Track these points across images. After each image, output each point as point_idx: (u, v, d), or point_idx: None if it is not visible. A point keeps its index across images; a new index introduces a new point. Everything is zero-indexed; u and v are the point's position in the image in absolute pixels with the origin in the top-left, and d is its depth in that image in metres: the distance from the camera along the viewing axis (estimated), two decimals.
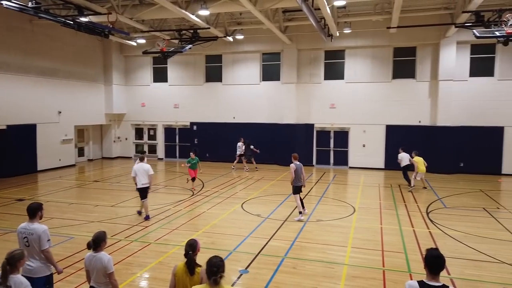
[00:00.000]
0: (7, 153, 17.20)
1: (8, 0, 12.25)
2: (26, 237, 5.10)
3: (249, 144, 19.76)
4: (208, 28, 17.38)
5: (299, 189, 11.12)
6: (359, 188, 15.85)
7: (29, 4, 12.86)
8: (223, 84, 22.86)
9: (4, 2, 12.19)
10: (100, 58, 23.41)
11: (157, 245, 8.88)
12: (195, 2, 14.94)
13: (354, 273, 7.37)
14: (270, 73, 22.15)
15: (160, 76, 24.10)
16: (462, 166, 19.12)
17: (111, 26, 14.96)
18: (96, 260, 4.69)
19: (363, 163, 20.72)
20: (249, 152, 19.78)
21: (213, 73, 23.14)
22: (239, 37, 20.10)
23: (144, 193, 10.87)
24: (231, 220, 10.98)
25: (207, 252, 6.24)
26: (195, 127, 23.41)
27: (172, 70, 23.73)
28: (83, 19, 14.38)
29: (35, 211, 5.21)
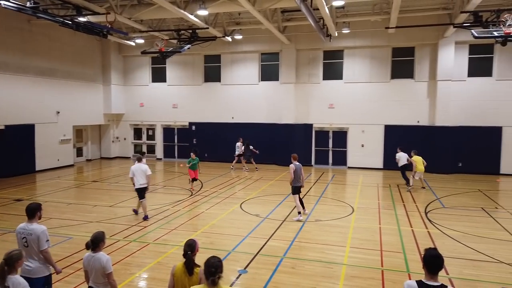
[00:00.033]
0: (6, 153, 17.15)
1: (6, 0, 12.23)
2: (25, 238, 5.09)
3: (248, 145, 19.75)
4: (207, 28, 17.38)
5: (298, 189, 11.13)
6: (358, 188, 15.87)
7: (27, 4, 12.84)
8: (222, 84, 22.86)
9: (2, 2, 12.16)
10: (99, 58, 23.39)
11: (156, 245, 8.87)
12: (194, 2, 14.94)
13: (353, 273, 7.38)
14: (269, 73, 22.15)
15: (159, 76, 24.09)
16: (461, 166, 19.15)
17: (110, 26, 14.95)
18: (95, 261, 4.69)
19: (362, 163, 20.74)
20: (249, 153, 19.77)
21: (212, 73, 23.13)
22: (238, 37, 20.09)
23: (142, 193, 10.87)
24: (230, 220, 10.98)
25: (206, 252, 6.24)
26: (194, 127, 23.40)
27: (171, 70, 23.72)
28: (82, 19, 14.38)
29: (34, 212, 5.20)
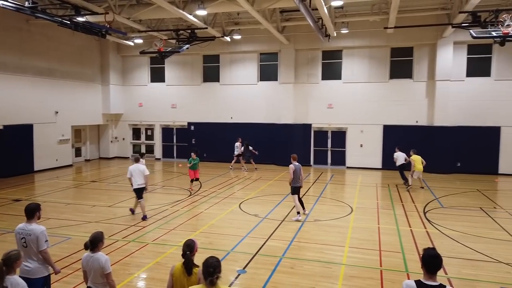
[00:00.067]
0: (4, 154, 17.12)
1: (5, 0, 12.20)
2: (24, 238, 5.08)
3: (248, 145, 19.74)
4: (206, 28, 17.38)
5: (298, 190, 11.14)
6: (357, 188, 15.88)
7: (26, 4, 12.82)
8: (221, 84, 22.85)
9: (1, 2, 12.13)
10: (97, 58, 23.36)
11: (155, 246, 8.87)
12: (193, 2, 14.93)
13: (352, 273, 7.39)
14: (268, 73, 22.15)
15: (158, 76, 24.06)
16: (459, 166, 19.18)
17: (108, 26, 14.93)
18: (94, 261, 4.68)
19: (361, 163, 20.75)
20: (248, 153, 19.76)
21: (211, 73, 23.12)
22: (237, 37, 20.08)
23: (140, 193, 10.89)
24: (229, 220, 10.98)
25: (205, 252, 6.24)
26: (193, 127, 23.39)
27: (170, 70, 23.70)
28: (80, 19, 14.35)
29: (33, 212, 5.19)
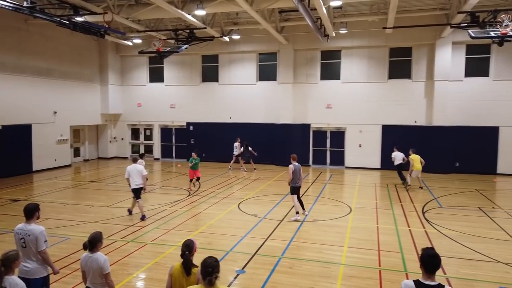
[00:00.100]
0: (2, 154, 17.08)
1: (3, 0, 12.18)
2: (23, 238, 5.07)
3: (248, 145, 19.74)
4: (205, 28, 17.37)
5: (297, 190, 11.14)
6: (356, 188, 15.89)
7: (24, 4, 12.80)
8: (220, 84, 22.84)
9: None
10: (96, 58, 23.33)
11: (154, 246, 8.86)
12: (191, 2, 14.92)
13: (351, 273, 7.39)
14: (267, 73, 22.16)
15: (156, 76, 24.05)
16: (458, 166, 19.21)
17: (107, 26, 14.92)
18: (92, 261, 4.68)
19: (360, 163, 20.77)
20: (248, 154, 19.76)
21: (210, 73, 23.11)
22: (236, 37, 20.09)
23: (138, 193, 10.91)
24: (228, 220, 10.97)
25: (204, 253, 6.23)
26: (192, 127, 23.38)
27: (169, 70, 23.69)
28: (79, 19, 14.34)
29: (32, 212, 5.19)
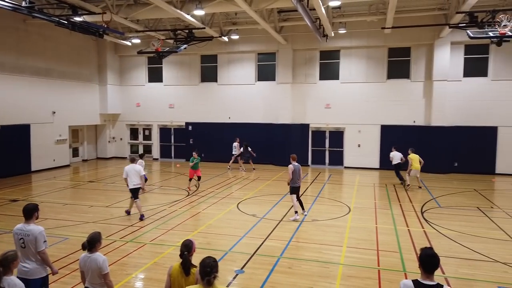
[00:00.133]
0: (1, 154, 17.04)
1: (2, 0, 12.15)
2: (22, 238, 5.06)
3: (247, 146, 19.74)
4: (203, 28, 17.37)
5: (296, 189, 11.14)
6: (354, 188, 15.90)
7: (23, 4, 12.77)
8: (219, 84, 22.84)
9: None
10: (95, 58, 23.30)
11: (153, 246, 8.86)
12: (190, 2, 14.92)
13: (350, 273, 7.40)
14: (266, 73, 22.16)
15: (155, 76, 24.03)
16: (456, 166, 19.24)
17: (106, 26, 14.89)
18: (91, 261, 4.67)
19: (358, 163, 20.78)
20: (247, 154, 19.76)
21: (209, 73, 23.11)
22: (234, 37, 20.09)
23: (136, 193, 10.92)
24: (227, 220, 10.97)
25: (203, 253, 6.23)
26: (191, 127, 23.37)
27: (167, 70, 23.67)
28: (77, 19, 14.31)
29: (31, 212, 5.18)
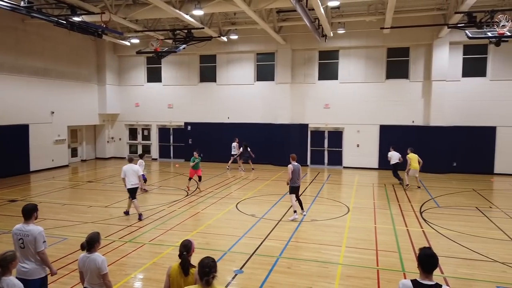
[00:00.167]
0: (0, 154, 17.02)
1: (0, 0, 12.13)
2: (22, 239, 5.05)
3: (247, 146, 19.74)
4: (202, 28, 17.36)
5: (296, 189, 11.14)
6: (353, 188, 15.91)
7: (22, 4, 12.75)
8: (218, 84, 22.83)
9: None
10: (94, 58, 23.27)
11: (152, 246, 8.85)
12: (189, 2, 14.91)
13: (349, 273, 7.41)
14: (265, 73, 22.16)
15: (154, 76, 24.02)
16: (455, 166, 19.27)
17: (105, 26, 14.88)
18: (90, 261, 4.67)
19: (357, 163, 20.80)
20: (247, 154, 19.77)
21: (207, 73, 23.10)
22: (233, 37, 20.08)
23: (133, 193, 10.91)
24: (226, 220, 10.97)
25: (202, 253, 6.23)
26: (189, 127, 23.36)
27: (166, 70, 23.66)
28: (76, 19, 14.30)
29: (31, 212, 5.16)
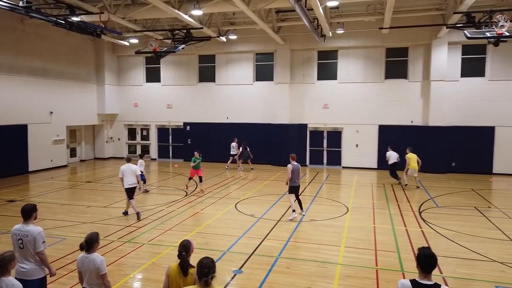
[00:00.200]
0: None
1: None
2: (21, 239, 5.04)
3: (246, 146, 19.74)
4: (201, 28, 17.35)
5: (295, 189, 11.15)
6: (352, 188, 15.92)
7: (20, 4, 12.73)
8: (217, 84, 22.83)
9: None
10: (92, 58, 23.25)
11: (150, 246, 8.84)
12: (188, 2, 14.90)
13: (348, 273, 7.41)
14: (264, 73, 22.16)
15: (153, 76, 24.00)
16: (454, 166, 19.29)
17: (103, 26, 14.87)
18: (89, 262, 4.66)
19: (356, 163, 20.81)
20: (246, 154, 19.77)
21: (207, 73, 23.09)
22: (232, 37, 20.08)
23: (131, 193, 10.93)
24: (225, 221, 10.97)
25: (201, 253, 6.24)
26: (188, 127, 23.35)
27: (165, 70, 23.65)
28: (75, 19, 14.28)
29: (30, 213, 5.15)
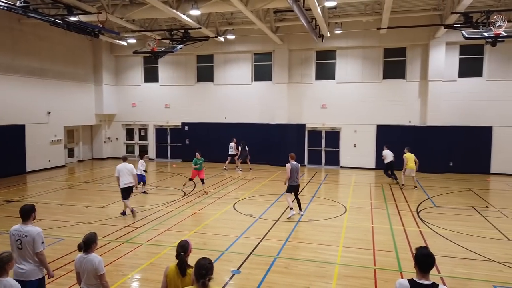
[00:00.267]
0: None
1: None
2: (20, 240, 5.02)
3: (245, 145, 19.74)
4: (199, 28, 17.34)
5: (294, 188, 11.16)
6: (350, 188, 15.94)
7: (18, 3, 12.70)
8: (215, 84, 22.81)
9: None
10: (90, 58, 23.20)
11: (149, 246, 8.83)
12: (186, 2, 14.89)
13: (346, 272, 7.42)
14: (262, 73, 22.16)
15: (151, 76, 23.96)
16: (452, 166, 19.33)
17: (101, 26, 14.84)
18: (87, 262, 4.66)
19: (354, 163, 20.83)
20: (245, 153, 19.77)
21: (205, 73, 23.07)
22: (231, 37, 20.07)
23: (127, 193, 10.95)
24: (223, 221, 10.97)
25: (199, 253, 6.24)
26: (187, 127, 23.33)
27: (163, 70, 23.62)
28: (73, 19, 14.26)
29: (29, 213, 5.13)
